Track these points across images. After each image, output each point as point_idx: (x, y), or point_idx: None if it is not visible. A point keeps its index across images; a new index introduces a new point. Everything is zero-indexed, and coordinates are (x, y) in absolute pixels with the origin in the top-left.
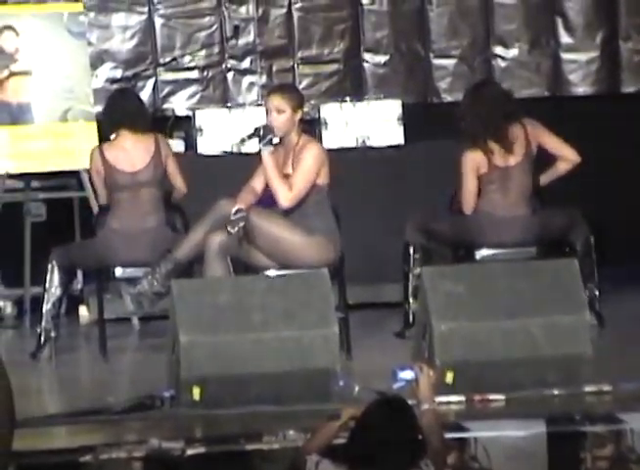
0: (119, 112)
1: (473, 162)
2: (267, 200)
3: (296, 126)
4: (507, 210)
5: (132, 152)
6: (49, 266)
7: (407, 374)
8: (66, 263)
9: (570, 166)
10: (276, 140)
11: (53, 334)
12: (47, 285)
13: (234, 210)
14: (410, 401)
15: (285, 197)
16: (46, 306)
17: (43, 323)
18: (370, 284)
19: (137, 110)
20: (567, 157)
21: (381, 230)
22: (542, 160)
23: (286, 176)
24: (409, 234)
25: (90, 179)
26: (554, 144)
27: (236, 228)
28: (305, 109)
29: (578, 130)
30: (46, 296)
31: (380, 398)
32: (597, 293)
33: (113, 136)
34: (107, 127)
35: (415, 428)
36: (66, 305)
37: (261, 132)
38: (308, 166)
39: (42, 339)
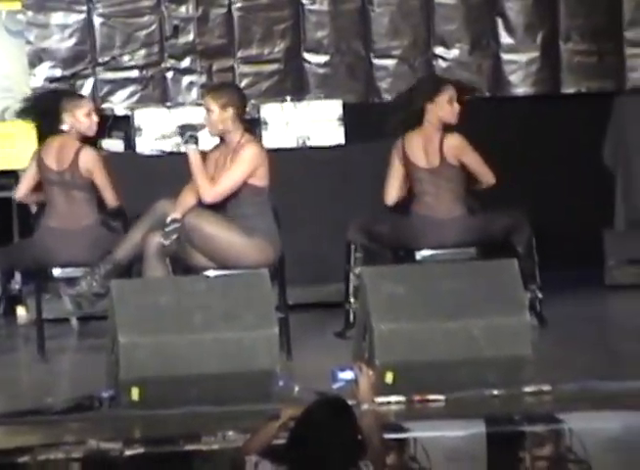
0: (49, 114)
1: (395, 152)
2: None
3: (232, 124)
4: (443, 212)
5: (60, 151)
6: None
7: (347, 374)
8: (4, 264)
9: (484, 187)
10: (208, 138)
11: None
12: None
13: (168, 219)
14: (350, 402)
15: (206, 192)
16: None
17: None
18: (311, 285)
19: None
20: (483, 179)
21: (321, 230)
22: None
23: None
24: (351, 234)
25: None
26: (474, 165)
27: (168, 241)
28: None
29: (519, 131)
30: None
31: (320, 398)
32: (539, 294)
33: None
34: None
35: (355, 428)
36: (4, 306)
37: (180, 131)
38: (238, 165)
39: None
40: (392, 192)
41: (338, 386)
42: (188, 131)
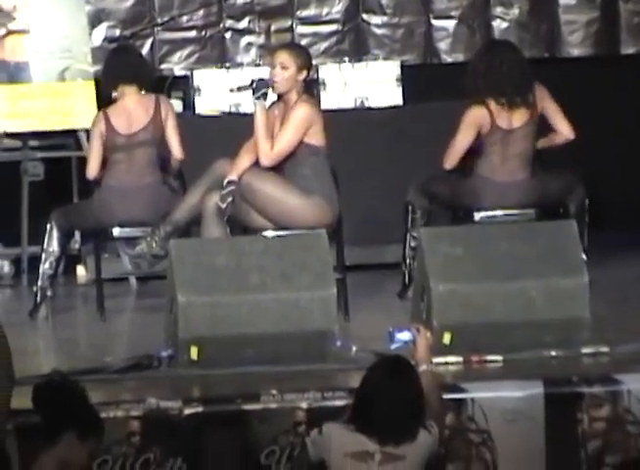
0: (121, 67)
1: (474, 118)
2: None
3: (297, 86)
4: (506, 174)
5: (132, 112)
6: (48, 226)
7: (404, 335)
8: (64, 224)
9: (563, 141)
10: (272, 95)
11: (49, 293)
12: (45, 245)
13: (225, 182)
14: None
15: (265, 155)
16: (43, 266)
17: (39, 283)
18: (369, 245)
19: (138, 65)
20: (562, 132)
21: (379, 191)
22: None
23: None
24: (411, 195)
25: (89, 140)
26: (554, 115)
27: (225, 204)
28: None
29: (577, 92)
30: (44, 255)
31: (382, 357)
32: (584, 257)
33: (115, 94)
34: (107, 84)
35: (418, 386)
36: (63, 265)
37: (254, 85)
38: (292, 126)
39: (38, 298)
40: (454, 159)
41: (395, 347)
42: (262, 87)
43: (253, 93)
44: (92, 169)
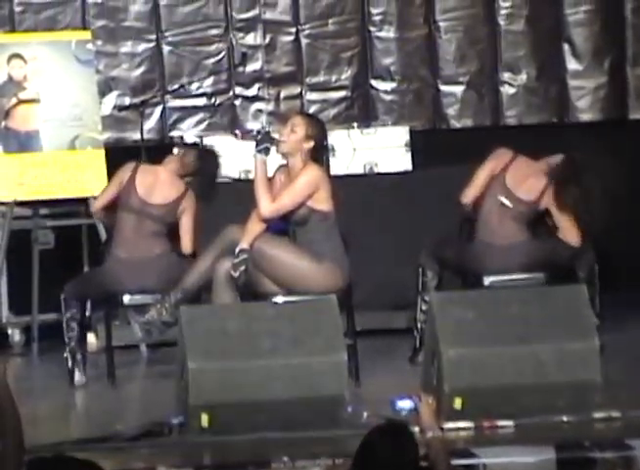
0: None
1: (496, 162)
2: (277, 225)
3: (302, 152)
4: (506, 237)
5: (158, 184)
6: (62, 299)
7: (406, 403)
8: (76, 296)
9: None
10: (274, 155)
11: (79, 357)
12: (63, 313)
13: (237, 250)
14: (414, 429)
15: (265, 206)
16: (67, 333)
17: (67, 348)
18: (379, 311)
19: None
20: (566, 235)
21: (389, 256)
22: None
23: None
24: (423, 258)
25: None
26: (560, 218)
27: (237, 273)
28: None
29: (586, 157)
30: (64, 324)
31: (379, 424)
32: (596, 321)
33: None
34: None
35: (413, 452)
36: None
37: (259, 136)
38: (298, 185)
39: (69, 364)
40: (471, 193)
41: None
42: (266, 142)
43: (257, 145)
44: (97, 203)
